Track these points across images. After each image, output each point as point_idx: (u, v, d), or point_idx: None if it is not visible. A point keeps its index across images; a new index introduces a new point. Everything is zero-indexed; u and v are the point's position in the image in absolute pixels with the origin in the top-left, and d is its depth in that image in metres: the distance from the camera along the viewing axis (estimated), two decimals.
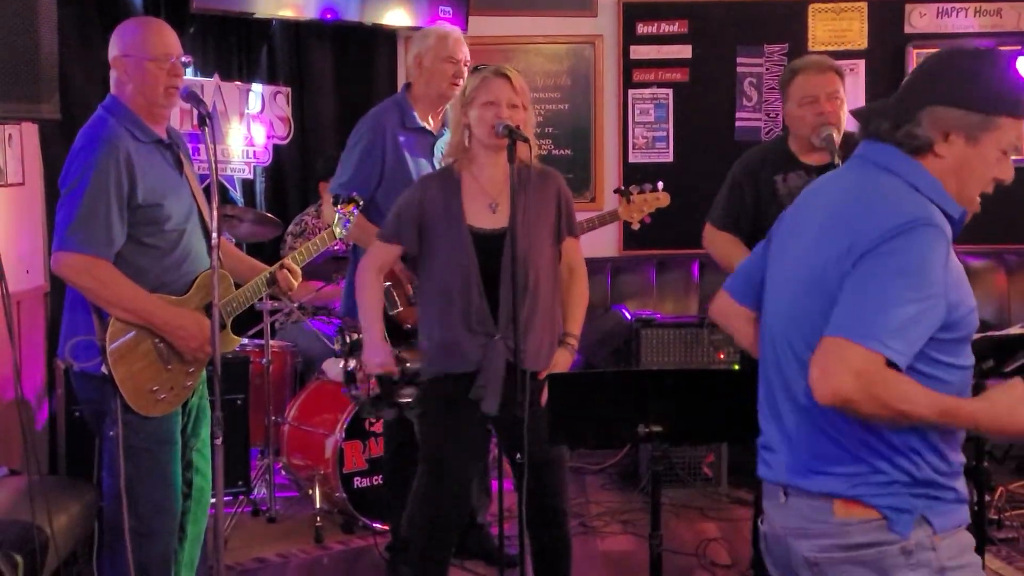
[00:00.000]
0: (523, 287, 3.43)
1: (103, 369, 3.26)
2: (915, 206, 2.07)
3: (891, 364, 1.98)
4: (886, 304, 1.98)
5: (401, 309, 4.00)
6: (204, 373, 3.56)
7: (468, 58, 4.32)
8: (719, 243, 4.04)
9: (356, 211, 3.92)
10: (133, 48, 3.36)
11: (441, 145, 4.32)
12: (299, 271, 3.76)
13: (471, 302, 3.46)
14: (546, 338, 3.55)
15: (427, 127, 4.30)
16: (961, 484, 2.17)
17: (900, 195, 2.10)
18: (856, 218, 2.09)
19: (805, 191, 2.36)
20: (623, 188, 4.47)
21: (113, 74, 3.40)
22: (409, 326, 3.92)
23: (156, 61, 3.35)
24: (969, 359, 2.16)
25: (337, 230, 3.88)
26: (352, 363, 3.82)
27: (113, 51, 3.39)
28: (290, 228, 5.73)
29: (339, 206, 3.91)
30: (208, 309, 3.41)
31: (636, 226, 4.45)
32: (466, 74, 4.35)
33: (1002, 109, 2.10)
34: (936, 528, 2.10)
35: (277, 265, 3.72)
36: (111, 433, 3.31)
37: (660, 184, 4.42)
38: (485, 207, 3.53)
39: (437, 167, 4.16)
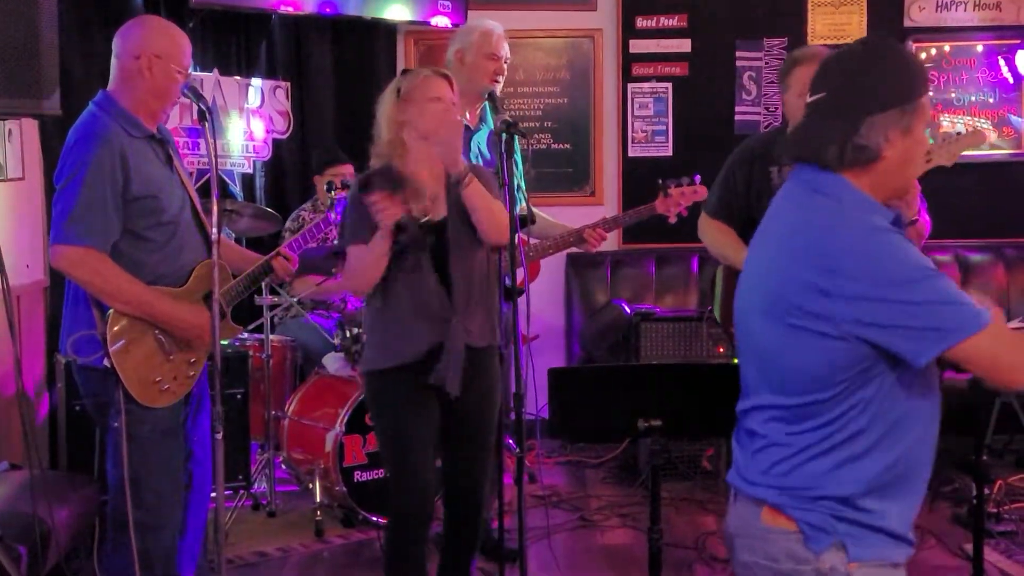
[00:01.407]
0: (468, 271, 3.54)
1: (105, 362, 3.28)
2: (849, 216, 2.08)
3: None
4: (929, 301, 1.99)
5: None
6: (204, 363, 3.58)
7: (509, 55, 4.36)
8: (710, 231, 4.05)
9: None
10: (169, 53, 3.40)
11: (479, 139, 4.34)
12: (295, 257, 3.77)
13: (426, 290, 3.49)
14: (490, 317, 3.63)
15: (465, 121, 4.31)
16: (897, 523, 2.13)
17: (834, 213, 2.10)
18: (802, 251, 2.09)
19: (767, 213, 2.33)
20: (661, 182, 4.48)
21: (130, 65, 3.39)
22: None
23: (182, 73, 3.42)
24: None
25: (333, 215, 3.90)
26: None
27: (139, 45, 3.39)
28: (287, 224, 5.72)
29: (333, 192, 3.93)
30: (207, 299, 3.43)
31: (673, 219, 4.45)
32: (506, 71, 4.41)
33: (920, 91, 2.13)
34: (851, 556, 2.09)
35: (273, 253, 3.75)
36: (115, 424, 3.33)
37: (697, 177, 4.42)
38: (425, 199, 3.54)
39: (474, 161, 4.19)
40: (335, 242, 5.00)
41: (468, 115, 4.34)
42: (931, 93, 2.20)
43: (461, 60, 4.31)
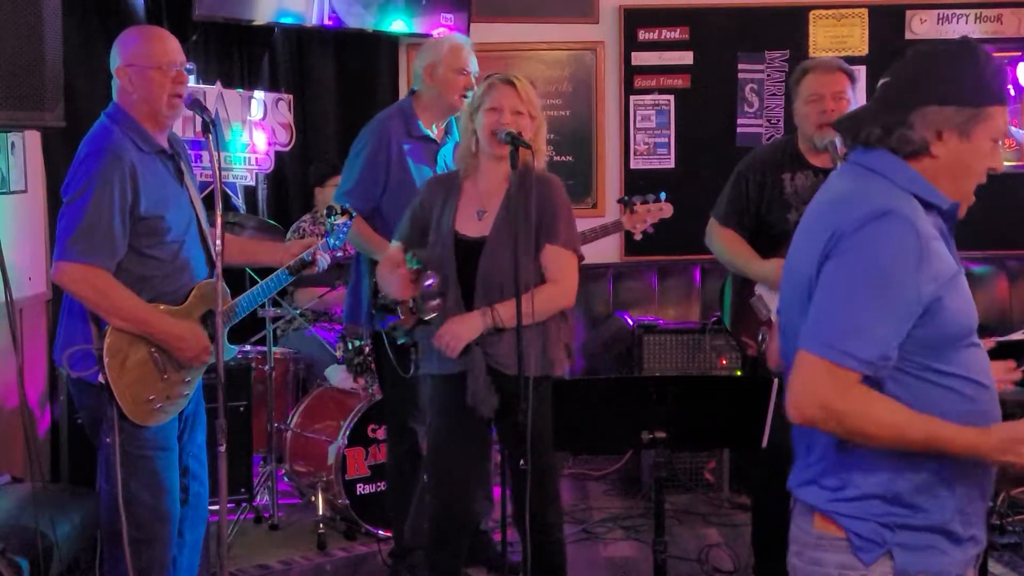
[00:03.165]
0: (496, 294, 3.46)
1: (100, 378, 3.27)
2: (882, 198, 2.03)
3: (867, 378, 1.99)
4: (846, 307, 1.97)
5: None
6: (200, 380, 3.56)
7: (478, 70, 4.34)
8: (720, 239, 4.05)
9: (349, 223, 3.90)
10: (136, 57, 3.36)
11: (445, 153, 4.33)
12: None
13: (449, 307, 3.49)
14: (530, 343, 3.42)
15: (432, 135, 4.30)
16: (953, 519, 2.07)
17: (869, 190, 2.06)
18: (828, 221, 2.07)
19: (809, 205, 2.33)
20: (626, 198, 4.46)
21: (116, 83, 3.41)
22: None
23: (160, 70, 3.34)
24: (987, 378, 2.11)
25: (331, 240, 3.88)
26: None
27: (116, 60, 3.39)
28: (288, 236, 5.72)
29: (333, 218, 3.91)
30: (206, 318, 3.43)
31: (638, 236, 4.44)
32: (475, 85, 4.40)
33: (989, 99, 2.07)
34: (897, 565, 2.04)
35: (314, 248, 3.70)
36: (107, 440, 3.32)
37: (663, 194, 4.41)
38: (473, 213, 3.55)
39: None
40: (337, 255, 4.99)
41: (436, 128, 4.33)
42: (1006, 110, 2.12)
43: (431, 75, 4.27)
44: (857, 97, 3.91)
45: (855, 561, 2.06)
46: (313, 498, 4.96)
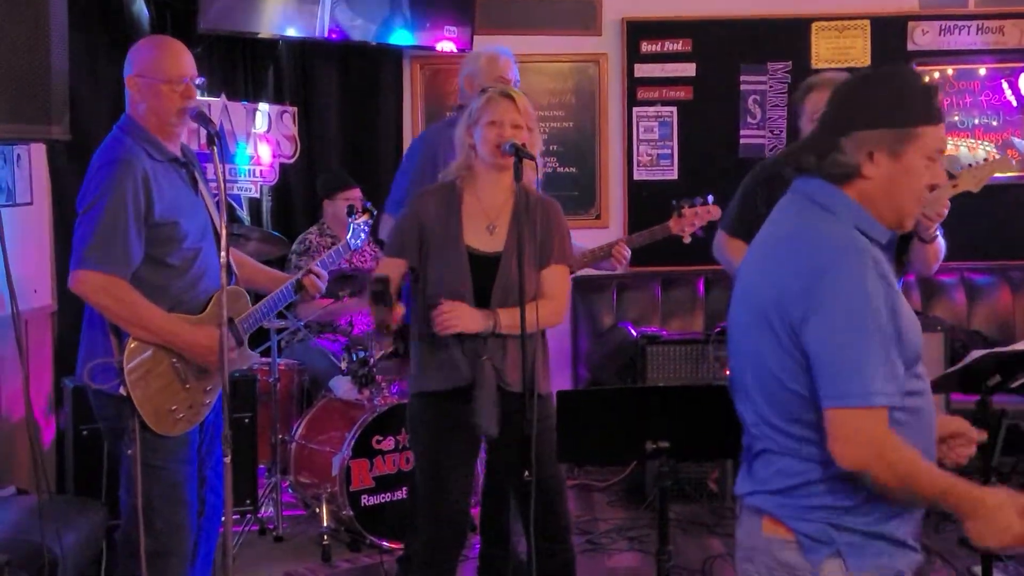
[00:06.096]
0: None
1: (121, 390, 3.28)
2: (834, 237, 2.13)
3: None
4: (845, 353, 2.04)
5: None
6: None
7: (518, 78, 4.38)
8: (729, 250, 4.05)
9: (370, 222, 3.93)
10: (147, 69, 3.39)
11: None
12: (325, 275, 3.78)
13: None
14: (532, 362, 3.45)
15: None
16: (897, 529, 2.18)
17: (820, 228, 2.15)
18: (786, 260, 2.15)
19: (765, 222, 2.38)
20: (674, 202, 4.49)
21: (128, 92, 3.43)
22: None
23: (170, 83, 3.37)
24: (919, 383, 2.18)
25: (352, 241, 3.89)
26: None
27: (128, 70, 3.42)
28: (294, 247, 5.74)
29: (352, 216, 3.91)
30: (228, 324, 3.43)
31: (687, 240, 4.45)
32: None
33: (918, 119, 2.14)
34: (849, 566, 2.13)
35: (304, 271, 3.74)
36: (129, 452, 3.33)
37: (711, 197, 4.42)
38: (483, 228, 3.53)
39: None
40: (342, 266, 5.01)
41: None
42: (941, 129, 2.19)
43: (471, 85, 4.33)
44: None
45: (804, 562, 2.14)
46: (317, 509, 4.97)
